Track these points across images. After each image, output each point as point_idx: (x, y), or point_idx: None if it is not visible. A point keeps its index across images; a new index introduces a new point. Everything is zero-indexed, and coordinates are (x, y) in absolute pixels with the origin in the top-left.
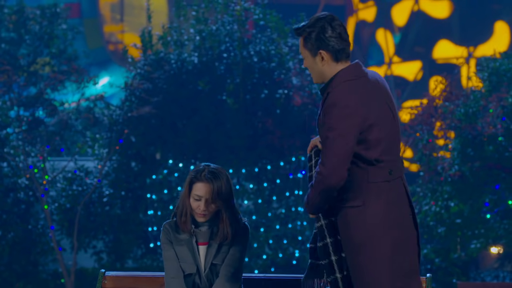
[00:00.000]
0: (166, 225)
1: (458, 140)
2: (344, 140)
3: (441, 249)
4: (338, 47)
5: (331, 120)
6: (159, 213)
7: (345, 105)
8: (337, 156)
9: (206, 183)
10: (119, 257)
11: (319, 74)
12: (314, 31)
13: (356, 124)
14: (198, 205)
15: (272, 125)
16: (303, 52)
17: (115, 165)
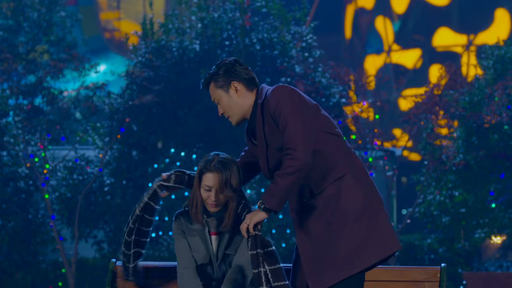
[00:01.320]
0: (178, 215)
1: (463, 128)
2: (304, 123)
3: (445, 238)
4: (248, 76)
5: (284, 112)
6: (161, 202)
7: (287, 95)
8: (305, 133)
9: (215, 173)
10: (119, 247)
11: (238, 109)
12: (221, 68)
13: (309, 105)
14: (208, 196)
15: None
16: (216, 94)
17: (116, 154)
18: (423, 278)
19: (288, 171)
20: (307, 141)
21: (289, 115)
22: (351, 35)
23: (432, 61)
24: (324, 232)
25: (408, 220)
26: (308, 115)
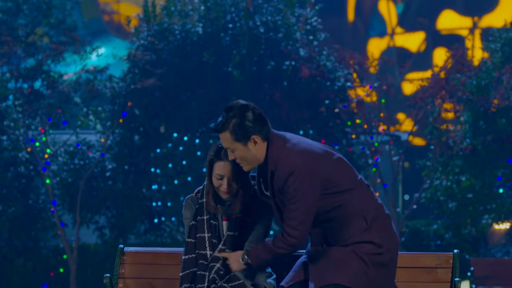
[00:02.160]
0: (188, 200)
1: (470, 113)
2: (307, 199)
3: (452, 224)
4: (265, 126)
5: (291, 191)
6: (163, 187)
7: (299, 173)
8: (304, 214)
9: (226, 162)
10: (122, 232)
11: (253, 160)
12: (242, 119)
13: (319, 184)
14: (220, 184)
15: (279, 97)
16: (231, 144)
17: (117, 139)
18: (435, 264)
19: (281, 249)
20: (306, 223)
21: (295, 196)
22: (353, 18)
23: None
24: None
25: (414, 206)
26: (313, 197)
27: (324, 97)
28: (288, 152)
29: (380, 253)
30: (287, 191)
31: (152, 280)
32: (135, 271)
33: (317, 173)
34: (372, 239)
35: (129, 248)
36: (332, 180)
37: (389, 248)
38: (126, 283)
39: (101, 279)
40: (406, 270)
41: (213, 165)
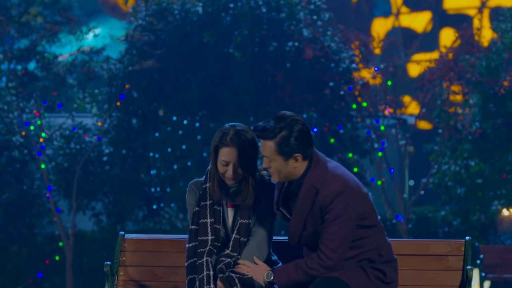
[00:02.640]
0: (192, 185)
1: (479, 95)
2: (349, 223)
3: (460, 210)
4: (310, 146)
5: (336, 213)
6: (162, 173)
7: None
8: (344, 238)
9: (232, 148)
10: (119, 219)
11: (288, 175)
12: (292, 134)
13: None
14: (225, 170)
15: (282, 79)
16: (271, 155)
17: (115, 122)
18: (446, 252)
19: (314, 271)
20: (345, 247)
21: (338, 218)
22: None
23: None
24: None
25: (422, 191)
26: (353, 222)
27: (328, 79)
28: (334, 174)
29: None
30: (332, 210)
31: (154, 268)
32: (136, 258)
33: (359, 201)
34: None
35: (130, 235)
36: (365, 212)
37: (394, 283)
38: (127, 271)
39: (98, 267)
40: (416, 258)
41: (218, 151)
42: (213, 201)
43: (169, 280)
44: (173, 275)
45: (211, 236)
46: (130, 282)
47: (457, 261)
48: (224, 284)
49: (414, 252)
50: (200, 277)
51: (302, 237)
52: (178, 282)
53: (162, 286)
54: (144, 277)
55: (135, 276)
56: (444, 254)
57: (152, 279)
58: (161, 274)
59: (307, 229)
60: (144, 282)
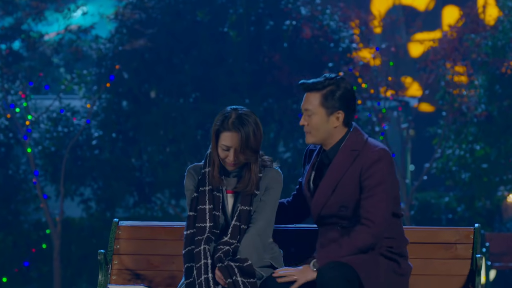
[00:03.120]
0: (190, 170)
1: (485, 76)
2: (391, 193)
3: (465, 196)
4: (354, 112)
5: (380, 176)
6: (154, 157)
7: (390, 163)
8: (388, 207)
9: (233, 132)
10: (109, 205)
11: (325, 135)
12: (339, 89)
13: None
14: (226, 155)
15: (279, 60)
16: (314, 108)
17: (104, 104)
18: (455, 239)
19: (360, 244)
20: (387, 218)
21: (384, 182)
22: None
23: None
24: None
25: (425, 177)
26: (394, 193)
27: (327, 59)
28: (376, 141)
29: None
30: (375, 175)
31: (150, 256)
32: (131, 246)
33: (396, 180)
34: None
35: (125, 222)
36: (398, 197)
37: (407, 276)
38: (122, 259)
39: (87, 255)
40: (422, 246)
41: (219, 135)
42: (212, 186)
43: (165, 269)
44: (169, 264)
45: (209, 223)
46: (125, 271)
47: (465, 249)
48: (222, 273)
49: (421, 240)
50: (197, 266)
51: (327, 205)
52: (174, 271)
53: (158, 275)
54: (139, 266)
55: (129, 265)
56: (453, 242)
57: (147, 268)
58: (156, 263)
59: (335, 196)
60: (139, 271)
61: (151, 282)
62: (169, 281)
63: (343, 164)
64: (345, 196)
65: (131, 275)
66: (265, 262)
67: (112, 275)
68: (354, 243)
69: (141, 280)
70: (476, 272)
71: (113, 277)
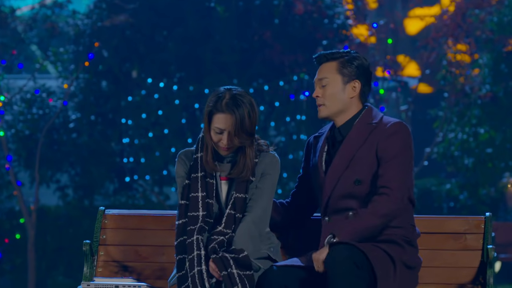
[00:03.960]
0: (181, 155)
1: (490, 55)
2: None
3: (467, 183)
4: (370, 88)
5: (398, 147)
6: (136, 141)
7: (408, 136)
8: (405, 179)
9: (227, 114)
10: (87, 193)
11: (339, 106)
12: (357, 59)
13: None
14: (220, 138)
15: (270, 37)
16: (330, 76)
17: (82, 85)
18: (464, 229)
19: (382, 212)
20: (408, 188)
21: (401, 153)
22: None
23: None
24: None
25: (425, 162)
26: (412, 168)
27: (321, 37)
28: (400, 122)
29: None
30: (391, 147)
31: (138, 247)
32: (118, 236)
33: (413, 161)
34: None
35: (111, 210)
36: (413, 183)
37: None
38: (108, 250)
39: (63, 246)
40: (430, 236)
41: (211, 117)
42: (205, 173)
43: (155, 260)
44: (159, 255)
45: (202, 212)
46: (111, 262)
47: (475, 239)
48: (217, 265)
49: (429, 229)
50: (190, 257)
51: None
52: (164, 263)
53: (147, 267)
54: (127, 257)
55: (116, 256)
56: (462, 232)
57: (135, 260)
58: (145, 254)
59: (349, 171)
60: (127, 263)
61: (140, 274)
62: (159, 273)
63: (358, 138)
64: (361, 171)
65: (118, 267)
66: (262, 253)
67: (98, 267)
68: (378, 211)
69: (129, 273)
70: (487, 264)
71: (99, 269)
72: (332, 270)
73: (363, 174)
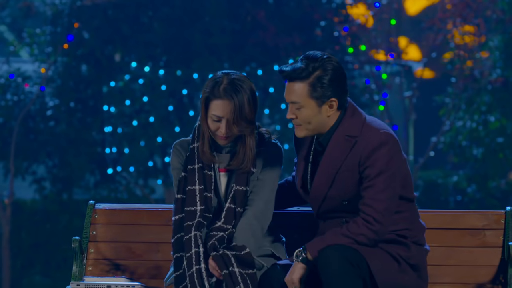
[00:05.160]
0: (176, 145)
1: (501, 37)
2: (396, 181)
3: (476, 175)
4: (346, 94)
5: (382, 163)
6: (119, 130)
7: (392, 147)
8: (391, 199)
9: (225, 100)
10: (66, 186)
11: (318, 126)
12: (327, 72)
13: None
14: (217, 127)
15: (264, 18)
16: (302, 100)
17: (61, 69)
18: (483, 225)
19: (361, 237)
20: (390, 213)
21: (382, 174)
22: None
23: None
24: None
25: (432, 152)
26: (398, 182)
27: (319, 17)
28: (375, 123)
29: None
30: (375, 164)
31: (131, 244)
32: (109, 233)
33: (403, 161)
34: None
35: (102, 204)
36: (407, 179)
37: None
38: (99, 247)
39: (40, 243)
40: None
41: (209, 103)
42: (202, 164)
43: (149, 258)
44: (153, 253)
45: (200, 206)
46: (102, 261)
47: (495, 236)
48: (217, 263)
49: (444, 225)
50: (188, 255)
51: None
52: (159, 261)
53: (141, 265)
54: (119, 255)
55: (108, 254)
56: (480, 228)
57: (128, 257)
58: (139, 252)
59: (334, 190)
60: (119, 261)
61: (133, 273)
62: (153, 272)
63: (339, 153)
64: (346, 190)
65: (110, 266)
66: (265, 250)
67: (88, 266)
68: (355, 238)
69: (122, 272)
70: (508, 262)
71: (89, 268)
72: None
73: (349, 194)
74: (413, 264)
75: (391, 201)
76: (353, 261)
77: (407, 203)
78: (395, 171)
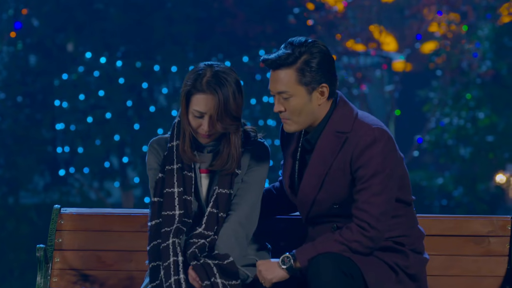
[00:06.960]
0: (153, 144)
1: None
2: (392, 183)
3: (463, 177)
4: (337, 79)
5: (376, 163)
6: (72, 127)
7: (387, 144)
8: (388, 202)
9: (208, 94)
10: (12, 188)
11: (309, 118)
12: (315, 55)
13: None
14: (199, 124)
15: (232, 4)
16: (294, 88)
17: (6, 59)
18: (487, 231)
19: (356, 244)
20: (387, 217)
21: (376, 175)
22: None
23: None
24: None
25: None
26: (394, 183)
27: (293, 3)
28: (367, 118)
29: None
30: (369, 163)
31: (101, 252)
32: (77, 240)
33: (399, 160)
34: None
35: (69, 209)
36: (403, 180)
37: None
38: (65, 256)
39: None
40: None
41: (190, 98)
42: (182, 164)
43: (121, 268)
44: (126, 262)
45: (179, 211)
46: (69, 271)
47: (501, 243)
48: (198, 273)
49: (446, 232)
50: (165, 264)
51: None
52: (132, 271)
53: (112, 276)
54: (88, 265)
55: (75, 263)
56: (485, 235)
57: (97, 267)
58: (110, 261)
59: (324, 192)
60: (87, 271)
61: (103, 285)
62: (126, 283)
63: (329, 152)
64: (337, 193)
65: (77, 276)
66: (250, 259)
67: (53, 277)
68: (349, 245)
69: (90, 283)
70: None
71: (54, 279)
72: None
73: (339, 197)
74: (412, 274)
75: (387, 205)
76: (346, 271)
77: (404, 207)
78: (391, 171)
